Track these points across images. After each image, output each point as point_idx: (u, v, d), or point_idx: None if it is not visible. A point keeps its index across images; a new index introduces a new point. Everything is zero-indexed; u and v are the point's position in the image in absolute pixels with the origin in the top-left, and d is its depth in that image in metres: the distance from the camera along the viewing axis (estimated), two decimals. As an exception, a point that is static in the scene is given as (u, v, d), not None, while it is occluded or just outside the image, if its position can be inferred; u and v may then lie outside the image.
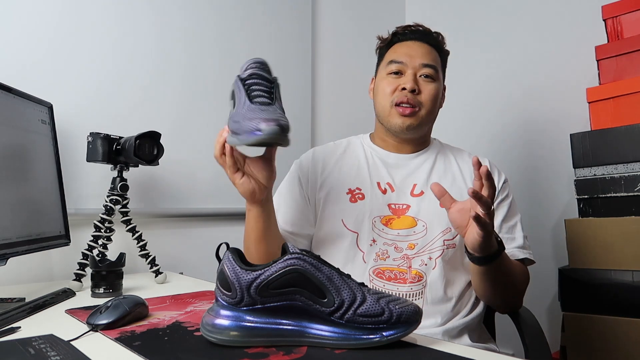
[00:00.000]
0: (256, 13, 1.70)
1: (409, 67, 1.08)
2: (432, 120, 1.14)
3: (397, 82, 1.08)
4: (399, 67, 1.09)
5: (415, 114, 1.07)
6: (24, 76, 1.19)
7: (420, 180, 1.10)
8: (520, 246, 1.07)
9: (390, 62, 1.11)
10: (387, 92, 1.09)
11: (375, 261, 1.04)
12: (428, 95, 1.08)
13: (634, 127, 1.29)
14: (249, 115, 0.77)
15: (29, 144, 1.03)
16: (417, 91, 1.07)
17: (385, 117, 1.10)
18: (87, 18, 1.32)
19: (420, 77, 1.08)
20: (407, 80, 1.07)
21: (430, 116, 1.10)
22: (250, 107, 0.79)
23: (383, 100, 1.10)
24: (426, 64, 1.08)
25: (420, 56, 1.09)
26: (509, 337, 1.23)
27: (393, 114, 1.08)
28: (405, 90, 1.06)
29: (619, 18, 1.42)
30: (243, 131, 0.77)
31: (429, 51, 1.11)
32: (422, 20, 1.16)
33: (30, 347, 0.63)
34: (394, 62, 1.10)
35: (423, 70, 1.08)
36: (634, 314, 1.24)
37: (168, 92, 1.48)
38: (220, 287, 0.65)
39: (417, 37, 1.12)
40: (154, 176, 1.42)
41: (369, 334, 0.63)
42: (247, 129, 0.76)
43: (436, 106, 1.11)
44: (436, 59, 1.12)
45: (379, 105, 1.12)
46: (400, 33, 1.14)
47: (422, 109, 1.07)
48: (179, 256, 1.47)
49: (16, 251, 0.93)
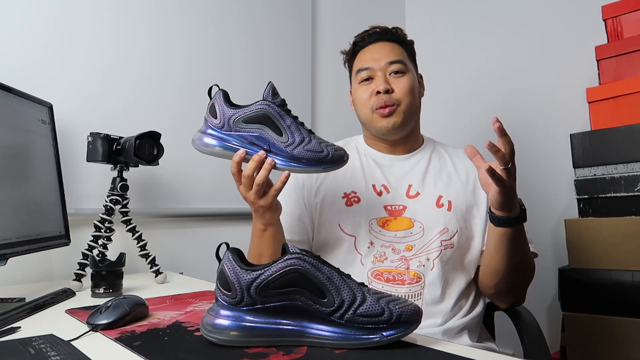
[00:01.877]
0: (256, 13, 1.70)
1: (377, 70, 1.10)
2: (416, 113, 1.14)
3: (370, 87, 1.10)
4: (368, 73, 1.11)
5: (395, 111, 1.08)
6: (24, 76, 1.19)
7: (416, 181, 1.11)
8: (529, 241, 1.08)
9: (359, 71, 1.12)
10: (365, 99, 1.10)
11: (374, 263, 1.04)
12: (403, 90, 1.08)
13: (634, 127, 1.29)
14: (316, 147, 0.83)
15: (29, 144, 1.03)
16: (391, 90, 1.08)
17: (370, 124, 1.12)
18: (87, 18, 1.32)
19: (390, 75, 1.09)
20: (378, 83, 1.08)
21: (411, 109, 1.10)
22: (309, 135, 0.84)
23: (363, 108, 1.11)
24: (392, 61, 1.10)
25: (384, 56, 1.10)
26: (509, 337, 1.23)
27: (376, 118, 1.09)
28: (380, 94, 1.07)
29: (619, 18, 1.42)
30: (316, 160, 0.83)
31: (392, 48, 1.12)
32: (422, 20, 1.17)
33: (30, 347, 0.63)
34: (361, 70, 1.12)
35: (391, 68, 1.09)
36: (634, 314, 1.24)
37: (168, 92, 1.48)
38: (220, 287, 0.65)
39: (377, 38, 1.14)
40: (154, 176, 1.42)
41: (369, 334, 0.63)
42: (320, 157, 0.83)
43: (415, 97, 1.11)
44: (401, 53, 1.12)
45: (361, 114, 1.14)
46: (360, 40, 1.16)
47: (402, 104, 1.08)
48: (179, 256, 1.47)
49: (16, 251, 0.93)
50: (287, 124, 0.84)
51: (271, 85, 0.85)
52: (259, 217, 0.93)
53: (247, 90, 1.66)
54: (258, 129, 0.83)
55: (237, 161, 0.84)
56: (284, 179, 0.85)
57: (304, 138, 0.84)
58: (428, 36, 2.13)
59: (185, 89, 1.52)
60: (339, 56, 1.23)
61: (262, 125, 0.83)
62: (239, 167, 0.86)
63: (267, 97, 0.84)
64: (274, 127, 0.83)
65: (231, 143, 0.84)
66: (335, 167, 0.86)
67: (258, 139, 0.84)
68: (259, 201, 0.88)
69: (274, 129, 0.83)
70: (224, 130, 0.84)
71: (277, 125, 0.83)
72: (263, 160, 0.83)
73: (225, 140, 0.85)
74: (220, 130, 0.84)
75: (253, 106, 0.84)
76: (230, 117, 0.84)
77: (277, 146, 0.83)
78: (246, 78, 1.66)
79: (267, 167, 0.83)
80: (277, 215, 0.95)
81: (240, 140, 0.84)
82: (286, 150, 0.83)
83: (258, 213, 0.92)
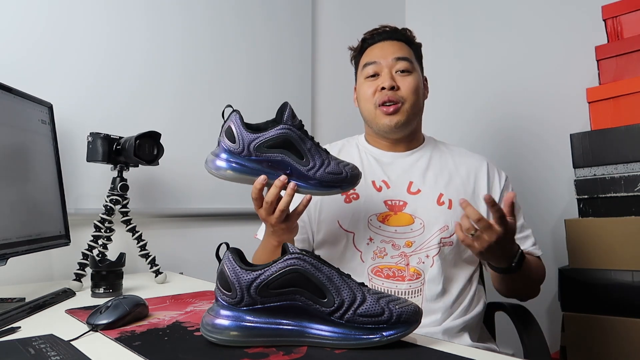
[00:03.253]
0: (256, 13, 1.70)
1: (384, 66, 1.10)
2: (419, 113, 1.14)
3: (376, 83, 1.10)
4: (374, 67, 1.11)
5: (399, 110, 1.08)
6: (24, 76, 1.19)
7: (417, 178, 1.11)
8: (534, 243, 1.12)
9: (365, 65, 1.13)
10: (369, 95, 1.10)
11: (373, 259, 1.04)
12: (408, 89, 1.08)
13: (634, 127, 1.29)
14: (335, 168, 0.84)
15: (29, 144, 1.03)
16: (396, 87, 1.08)
17: (372, 121, 1.12)
18: (87, 18, 1.32)
19: (396, 73, 1.10)
20: (384, 79, 1.08)
21: (414, 108, 1.10)
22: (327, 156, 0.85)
23: (367, 104, 1.11)
24: (399, 57, 1.10)
25: (392, 52, 1.11)
26: (509, 337, 1.23)
27: (378, 115, 1.09)
28: (384, 90, 1.07)
29: (619, 18, 1.42)
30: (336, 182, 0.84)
31: (400, 46, 1.13)
32: (422, 20, 1.17)
33: (30, 347, 0.63)
34: (368, 64, 1.12)
35: (398, 65, 1.10)
36: (634, 314, 1.24)
37: (168, 92, 1.48)
38: (220, 287, 0.65)
39: (386, 36, 1.14)
40: (154, 176, 1.42)
41: (369, 334, 0.63)
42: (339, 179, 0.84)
43: (419, 98, 1.12)
44: (409, 52, 1.13)
45: (364, 110, 1.14)
46: (369, 37, 1.16)
47: (406, 103, 1.08)
48: (179, 256, 1.47)
49: (16, 251, 0.93)
50: (307, 147, 0.83)
51: (289, 107, 0.83)
52: (276, 236, 0.93)
53: (247, 89, 1.66)
54: (280, 153, 0.82)
55: (259, 188, 0.83)
56: (306, 203, 0.86)
57: (323, 161, 0.83)
58: (428, 36, 2.12)
59: (185, 89, 1.52)
60: (339, 56, 1.23)
61: (284, 149, 0.82)
62: (260, 193, 0.84)
63: (288, 120, 0.82)
64: (295, 151, 0.82)
65: (249, 167, 0.82)
66: (352, 187, 0.86)
67: (279, 164, 0.82)
68: (280, 225, 0.88)
69: (295, 153, 0.82)
70: (243, 155, 0.81)
71: (299, 149, 0.82)
72: (285, 185, 0.82)
73: (243, 165, 0.81)
74: (239, 155, 0.81)
75: (274, 131, 0.81)
76: (251, 143, 0.80)
77: (299, 171, 0.83)
78: (246, 78, 1.66)
79: (290, 193, 0.83)
80: (295, 234, 0.95)
81: (260, 165, 0.82)
82: (308, 174, 0.82)
83: (277, 234, 0.92)
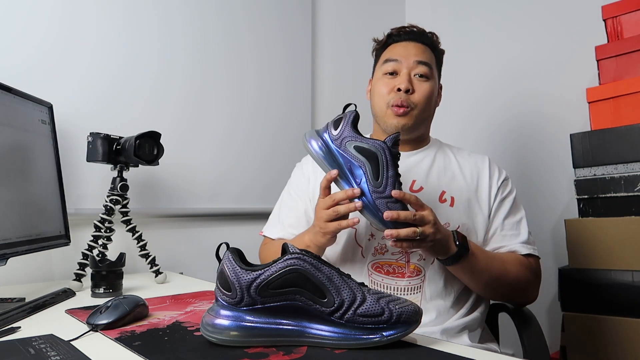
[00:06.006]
0: (256, 13, 1.70)
1: (404, 66, 1.10)
2: (428, 119, 1.14)
3: (393, 82, 1.09)
4: (394, 65, 1.11)
5: (408, 113, 1.08)
6: (24, 76, 1.19)
7: (420, 177, 1.11)
8: (524, 241, 1.08)
9: (386, 61, 1.12)
10: (384, 93, 1.10)
11: (374, 255, 1.04)
12: (422, 95, 1.08)
13: (634, 127, 1.29)
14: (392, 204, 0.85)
15: (29, 144, 1.03)
16: (412, 91, 1.08)
17: (381, 118, 1.11)
18: (87, 18, 1.32)
19: (415, 76, 1.09)
20: (401, 80, 1.08)
21: (424, 115, 1.11)
22: None
23: (380, 101, 1.11)
24: (421, 61, 1.10)
25: (414, 54, 1.11)
26: (510, 337, 1.23)
27: (389, 114, 1.09)
28: (400, 92, 1.07)
29: (619, 18, 1.42)
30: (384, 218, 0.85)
31: (424, 50, 1.12)
32: (422, 20, 1.17)
33: (30, 347, 0.63)
34: (389, 61, 1.12)
35: (417, 69, 1.09)
36: (634, 314, 1.24)
37: (168, 92, 1.48)
38: (220, 287, 0.65)
39: (412, 37, 1.14)
40: (154, 176, 1.42)
41: (369, 334, 0.63)
42: None
43: (431, 105, 1.12)
44: (431, 58, 1.13)
45: (376, 106, 1.13)
46: (395, 34, 1.16)
47: (416, 109, 1.08)
48: (179, 256, 1.47)
49: (16, 251, 0.93)
50: (389, 174, 0.86)
51: (397, 136, 0.88)
52: (319, 236, 0.95)
53: (247, 90, 1.66)
54: (361, 161, 0.86)
55: (329, 179, 0.88)
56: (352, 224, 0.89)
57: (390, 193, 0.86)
58: (428, 36, 2.12)
59: (185, 88, 1.52)
60: (339, 56, 1.23)
61: (367, 161, 0.86)
62: (328, 184, 0.90)
63: (389, 142, 0.86)
64: (375, 168, 0.85)
65: (332, 158, 0.88)
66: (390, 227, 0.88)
67: (356, 169, 0.86)
68: (327, 224, 0.90)
69: (374, 169, 0.85)
70: (334, 143, 0.88)
71: (379, 169, 0.85)
72: (352, 197, 0.86)
73: (330, 152, 0.89)
74: (332, 141, 0.89)
75: (371, 141, 0.86)
76: (345, 137, 0.87)
77: (365, 186, 0.85)
78: (246, 78, 1.66)
79: (352, 208, 0.86)
80: (331, 243, 0.97)
81: (342, 161, 0.88)
82: (371, 195, 0.85)
83: (318, 234, 0.94)
